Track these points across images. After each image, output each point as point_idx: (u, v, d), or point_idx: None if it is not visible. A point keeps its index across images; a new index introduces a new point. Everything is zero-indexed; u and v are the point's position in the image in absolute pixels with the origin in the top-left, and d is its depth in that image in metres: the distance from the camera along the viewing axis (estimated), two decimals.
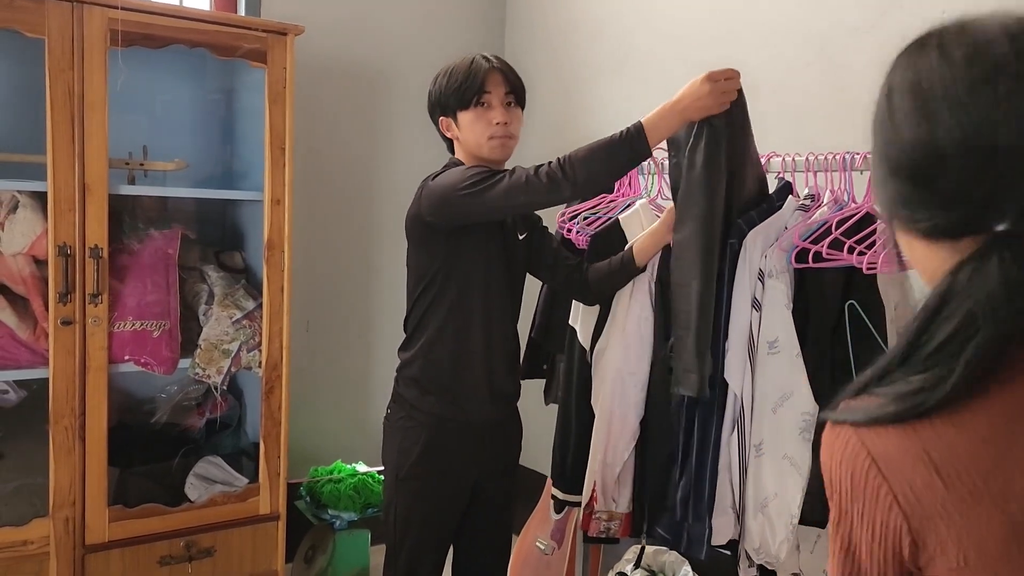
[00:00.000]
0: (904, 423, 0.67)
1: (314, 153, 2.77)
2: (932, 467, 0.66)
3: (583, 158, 1.57)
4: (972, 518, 0.65)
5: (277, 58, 2.21)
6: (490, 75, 1.74)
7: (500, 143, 1.76)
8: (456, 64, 1.77)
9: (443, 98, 1.78)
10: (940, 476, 0.66)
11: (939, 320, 0.67)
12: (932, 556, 0.68)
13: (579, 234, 2.07)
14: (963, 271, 0.67)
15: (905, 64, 0.72)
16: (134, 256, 2.21)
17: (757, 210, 1.68)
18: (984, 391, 0.66)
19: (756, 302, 1.60)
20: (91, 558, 2.10)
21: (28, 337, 2.08)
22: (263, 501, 2.32)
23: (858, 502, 0.70)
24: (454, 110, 1.77)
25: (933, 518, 0.66)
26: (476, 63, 1.75)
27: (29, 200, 2.06)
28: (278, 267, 2.27)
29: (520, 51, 3.14)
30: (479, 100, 1.73)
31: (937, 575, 0.68)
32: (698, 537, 1.66)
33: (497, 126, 1.74)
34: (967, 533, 0.65)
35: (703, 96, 1.55)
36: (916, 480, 0.67)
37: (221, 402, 2.48)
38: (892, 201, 0.72)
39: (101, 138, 2.01)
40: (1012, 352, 0.66)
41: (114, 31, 1.99)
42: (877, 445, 0.69)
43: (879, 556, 0.70)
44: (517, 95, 1.79)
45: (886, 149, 0.72)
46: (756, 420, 1.61)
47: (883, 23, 1.99)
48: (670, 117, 1.57)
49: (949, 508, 0.66)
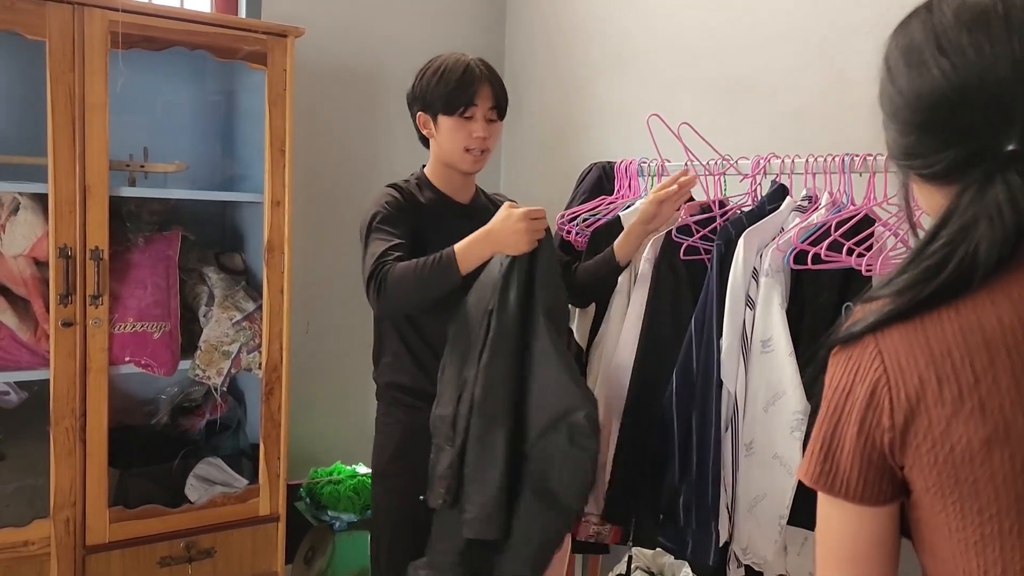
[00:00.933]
0: (911, 319, 0.70)
1: (314, 155, 2.78)
2: (931, 360, 0.68)
3: (398, 279, 1.57)
4: (955, 419, 0.66)
5: (277, 60, 2.22)
6: (482, 87, 1.74)
7: (475, 158, 1.78)
8: (448, 64, 1.76)
9: (428, 96, 1.77)
10: (936, 370, 0.67)
11: (940, 235, 0.70)
12: (916, 451, 0.69)
13: (579, 235, 2.07)
14: (965, 194, 0.70)
15: (897, 33, 0.79)
16: (134, 258, 2.21)
17: (745, 213, 1.69)
18: (990, 289, 0.67)
19: (750, 300, 1.60)
20: (92, 559, 2.11)
21: (29, 338, 2.08)
22: (263, 502, 2.32)
23: (853, 393, 0.72)
24: (436, 112, 1.77)
25: (920, 413, 0.68)
26: (469, 71, 1.73)
27: (30, 202, 2.07)
28: (278, 268, 2.28)
29: (519, 54, 3.14)
30: (464, 111, 1.74)
31: (916, 471, 0.70)
32: (704, 544, 1.65)
33: (476, 139, 1.75)
34: (947, 432, 0.67)
35: (518, 232, 1.56)
36: (914, 373, 0.68)
37: (221, 403, 2.48)
38: (903, 155, 0.76)
39: (102, 140, 2.02)
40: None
41: (115, 33, 2.00)
42: (885, 341, 0.71)
43: (860, 451, 0.72)
44: (500, 110, 1.80)
45: (891, 109, 0.76)
46: (748, 419, 1.61)
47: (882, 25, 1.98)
48: (481, 246, 1.59)
49: (937, 404, 0.67)
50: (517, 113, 3.16)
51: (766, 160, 1.79)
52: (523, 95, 3.12)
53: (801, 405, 1.51)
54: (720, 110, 2.33)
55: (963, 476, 0.66)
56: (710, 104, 2.37)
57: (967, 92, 0.68)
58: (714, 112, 2.32)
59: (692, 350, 1.69)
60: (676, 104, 2.41)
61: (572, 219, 2.10)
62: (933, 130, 0.72)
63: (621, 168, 2.14)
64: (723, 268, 1.64)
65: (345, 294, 2.91)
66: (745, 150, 1.90)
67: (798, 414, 1.51)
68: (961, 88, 0.69)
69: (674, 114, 1.99)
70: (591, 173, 2.24)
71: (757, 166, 1.81)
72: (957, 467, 0.66)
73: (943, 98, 0.70)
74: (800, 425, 1.51)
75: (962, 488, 0.66)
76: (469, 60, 1.77)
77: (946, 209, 0.71)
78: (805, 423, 1.50)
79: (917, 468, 0.69)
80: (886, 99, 0.77)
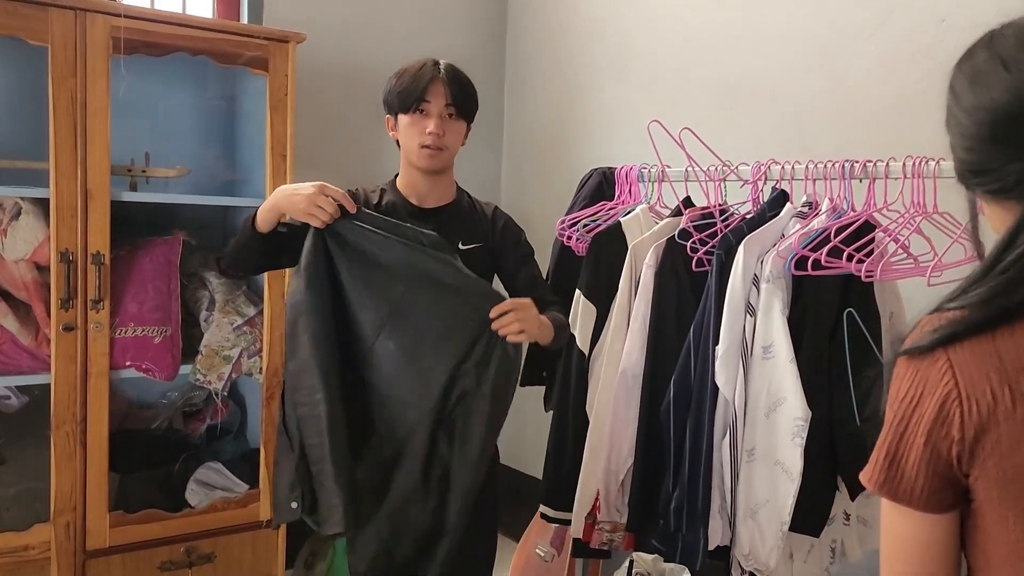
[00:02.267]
0: (984, 333, 0.71)
1: (315, 160, 2.78)
2: (1004, 376, 0.69)
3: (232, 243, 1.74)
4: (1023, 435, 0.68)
5: (279, 66, 2.22)
6: (433, 84, 1.73)
7: (429, 154, 1.75)
8: (409, 66, 1.78)
9: (388, 97, 1.80)
10: (1009, 386, 0.69)
11: (1013, 247, 0.71)
12: (983, 463, 0.71)
13: (579, 241, 2.07)
14: None
15: (962, 62, 0.80)
16: (135, 262, 2.21)
17: (746, 221, 1.69)
18: None
19: (751, 307, 1.60)
20: (92, 563, 2.10)
21: (30, 343, 2.08)
22: (263, 507, 2.32)
23: (922, 406, 0.73)
24: (396, 111, 1.79)
25: (991, 429, 0.70)
26: (423, 70, 1.74)
27: (31, 207, 2.07)
28: (279, 273, 2.28)
29: (520, 58, 3.15)
30: (418, 107, 1.74)
31: (982, 483, 0.72)
32: (692, 547, 1.66)
33: (429, 135, 1.73)
34: (1016, 448, 0.69)
35: (299, 194, 1.61)
36: (986, 389, 0.70)
37: (222, 408, 2.48)
38: (971, 172, 0.78)
39: (103, 145, 2.02)
40: None
41: (116, 39, 2.00)
42: (957, 355, 0.72)
43: (926, 461, 0.73)
44: (460, 108, 1.77)
45: (958, 129, 0.78)
46: (749, 425, 1.61)
47: (883, 30, 1.99)
48: (271, 203, 1.67)
49: (1008, 420, 0.69)
50: (517, 117, 3.17)
51: (766, 166, 1.79)
52: (524, 99, 3.13)
53: (802, 411, 1.51)
54: (720, 115, 2.34)
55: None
56: (710, 109, 2.38)
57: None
58: (714, 117, 2.32)
59: (690, 357, 1.69)
60: (677, 109, 2.41)
61: (573, 224, 2.10)
62: (999, 143, 0.74)
63: (622, 173, 2.14)
64: (723, 276, 1.64)
65: None
66: (745, 155, 1.90)
67: (799, 420, 1.51)
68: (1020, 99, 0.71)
69: (674, 119, 1.99)
70: (592, 178, 2.24)
71: (758, 172, 1.81)
72: (1021, 482, 0.69)
73: (1008, 110, 0.72)
74: (801, 431, 1.50)
75: (1022, 502, 0.69)
76: (429, 60, 1.77)
77: (1017, 220, 0.72)
78: (806, 429, 1.50)
79: (983, 480, 0.71)
80: (953, 122, 0.79)
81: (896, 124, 1.95)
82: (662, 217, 1.98)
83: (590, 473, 1.88)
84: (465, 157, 3.14)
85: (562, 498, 1.96)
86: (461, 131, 1.81)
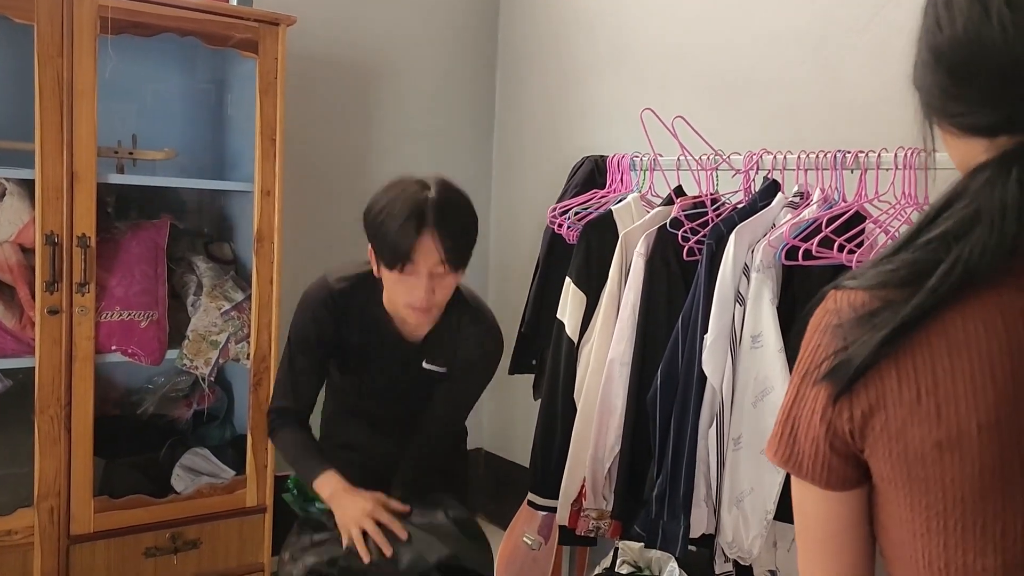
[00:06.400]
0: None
1: (305, 144, 2.76)
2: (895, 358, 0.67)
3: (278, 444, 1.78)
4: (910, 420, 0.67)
5: (269, 48, 2.20)
6: (422, 241, 1.47)
7: (416, 314, 1.56)
8: (394, 207, 1.49)
9: (370, 238, 1.56)
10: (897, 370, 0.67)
11: (941, 218, 0.67)
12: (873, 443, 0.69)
13: (570, 229, 2.07)
14: (978, 176, 0.67)
15: None
16: (122, 245, 2.19)
17: (737, 210, 1.69)
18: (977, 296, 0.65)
19: (740, 296, 1.60)
20: (76, 549, 2.09)
21: (14, 326, 2.06)
22: (250, 493, 2.31)
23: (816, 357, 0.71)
24: (378, 258, 1.56)
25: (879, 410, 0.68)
26: (410, 220, 1.46)
27: (16, 188, 2.05)
28: (267, 259, 2.26)
29: (513, 45, 3.13)
30: (403, 268, 1.50)
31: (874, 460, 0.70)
32: (673, 534, 1.67)
33: (416, 299, 1.52)
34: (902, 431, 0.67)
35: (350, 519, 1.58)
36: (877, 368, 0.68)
37: (209, 393, 2.47)
38: (932, 90, 0.71)
39: (90, 126, 2.00)
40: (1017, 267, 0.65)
41: (104, 18, 1.98)
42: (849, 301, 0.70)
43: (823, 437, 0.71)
44: (454, 262, 1.51)
45: (934, 37, 0.70)
46: (735, 414, 1.61)
47: (876, 23, 1.99)
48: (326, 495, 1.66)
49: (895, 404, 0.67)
50: (509, 104, 3.15)
51: (758, 155, 1.79)
52: (516, 87, 3.11)
53: None
54: (713, 106, 2.33)
55: (914, 473, 0.67)
56: (703, 99, 2.37)
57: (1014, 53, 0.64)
58: (707, 108, 2.32)
59: (678, 347, 1.69)
60: (669, 99, 2.41)
61: (564, 212, 2.10)
62: (967, 79, 0.67)
63: (613, 162, 2.14)
64: (713, 266, 1.64)
65: None
66: (738, 146, 1.90)
67: None
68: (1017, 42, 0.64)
69: (667, 109, 1.98)
70: (583, 166, 2.24)
71: (749, 161, 1.81)
72: (909, 464, 0.67)
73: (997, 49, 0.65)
74: None
75: (912, 483, 0.68)
76: (421, 200, 1.48)
77: (952, 190, 0.68)
78: None
79: (874, 458, 0.70)
80: (932, 21, 0.70)
81: (888, 115, 1.95)
82: (653, 206, 1.98)
83: (577, 461, 1.89)
84: (456, 145, 3.15)
85: (549, 486, 1.97)
86: (454, 284, 1.57)
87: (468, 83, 3.14)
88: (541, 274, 2.22)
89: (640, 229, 1.86)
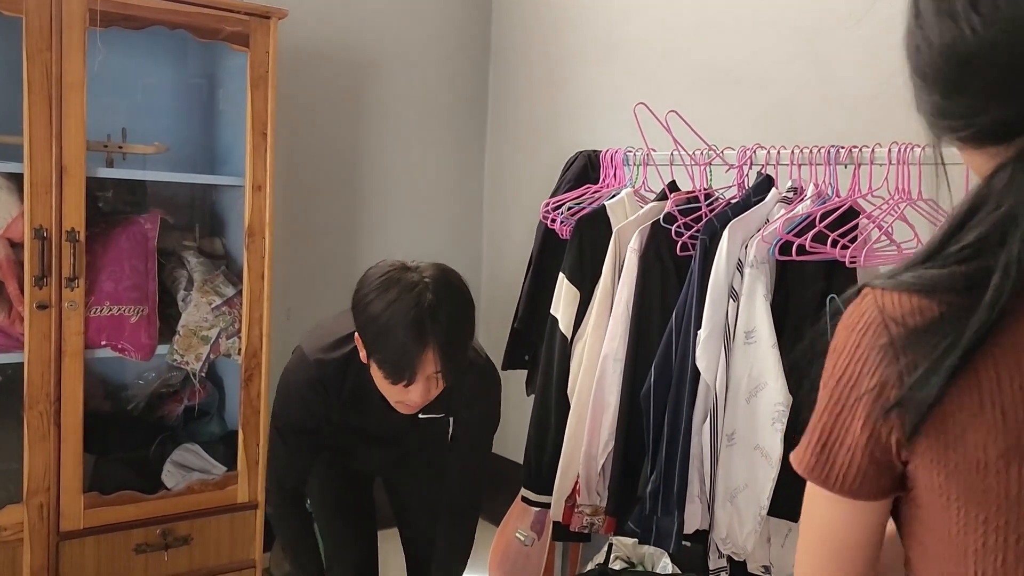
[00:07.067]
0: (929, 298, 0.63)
1: (296, 139, 2.75)
2: None
3: (275, 527, 1.87)
4: (972, 426, 0.62)
5: (260, 42, 2.19)
6: (423, 359, 1.42)
7: (410, 409, 1.54)
8: (394, 320, 1.41)
9: (364, 342, 1.49)
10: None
11: (967, 228, 0.63)
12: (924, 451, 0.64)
13: (563, 224, 2.06)
14: (998, 176, 0.63)
15: None
16: (112, 240, 2.18)
17: (731, 206, 1.69)
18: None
19: (734, 292, 1.60)
20: (65, 545, 2.08)
21: (3, 321, 2.04)
22: (241, 489, 2.30)
23: (860, 386, 0.66)
24: (369, 358, 1.50)
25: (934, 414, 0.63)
26: (412, 340, 1.40)
27: (5, 182, 2.03)
28: (259, 253, 2.25)
29: (506, 39, 3.12)
30: (406, 384, 1.47)
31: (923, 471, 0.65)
32: (667, 531, 1.66)
33: (411, 399, 1.50)
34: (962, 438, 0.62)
35: None
36: None
37: (199, 389, 2.45)
38: (931, 112, 0.69)
39: (79, 120, 1.98)
40: None
41: (93, 11, 1.96)
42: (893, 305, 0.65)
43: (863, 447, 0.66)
44: (447, 373, 1.47)
45: (916, 61, 0.69)
46: (729, 410, 1.61)
47: (869, 17, 1.99)
48: None
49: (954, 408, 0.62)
50: (502, 99, 3.14)
51: (752, 151, 1.78)
52: (509, 82, 3.10)
53: (783, 397, 1.51)
54: (707, 100, 2.33)
55: (974, 484, 0.62)
56: (697, 94, 2.37)
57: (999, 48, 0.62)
58: (701, 101, 2.31)
59: (672, 343, 1.69)
60: (663, 93, 2.40)
61: (557, 207, 2.09)
62: (958, 90, 0.65)
63: (607, 157, 2.13)
64: (706, 262, 1.64)
65: (326, 280, 2.88)
66: (731, 141, 1.89)
67: (780, 406, 1.52)
68: (992, 44, 0.62)
69: (661, 103, 1.98)
70: (577, 161, 2.23)
71: (743, 156, 1.80)
72: (969, 474, 0.62)
73: (974, 55, 0.63)
74: (781, 417, 1.51)
75: (969, 495, 0.63)
76: (422, 311, 1.41)
77: (976, 193, 0.64)
78: (787, 415, 1.50)
79: (923, 468, 0.65)
80: (913, 49, 0.69)
81: (881, 111, 1.94)
82: (647, 201, 1.97)
83: (571, 457, 1.88)
84: (449, 140, 3.14)
85: (543, 482, 1.96)
86: (442, 383, 1.52)
87: (460, 77, 3.13)
88: (534, 270, 2.22)
89: (634, 224, 1.86)
